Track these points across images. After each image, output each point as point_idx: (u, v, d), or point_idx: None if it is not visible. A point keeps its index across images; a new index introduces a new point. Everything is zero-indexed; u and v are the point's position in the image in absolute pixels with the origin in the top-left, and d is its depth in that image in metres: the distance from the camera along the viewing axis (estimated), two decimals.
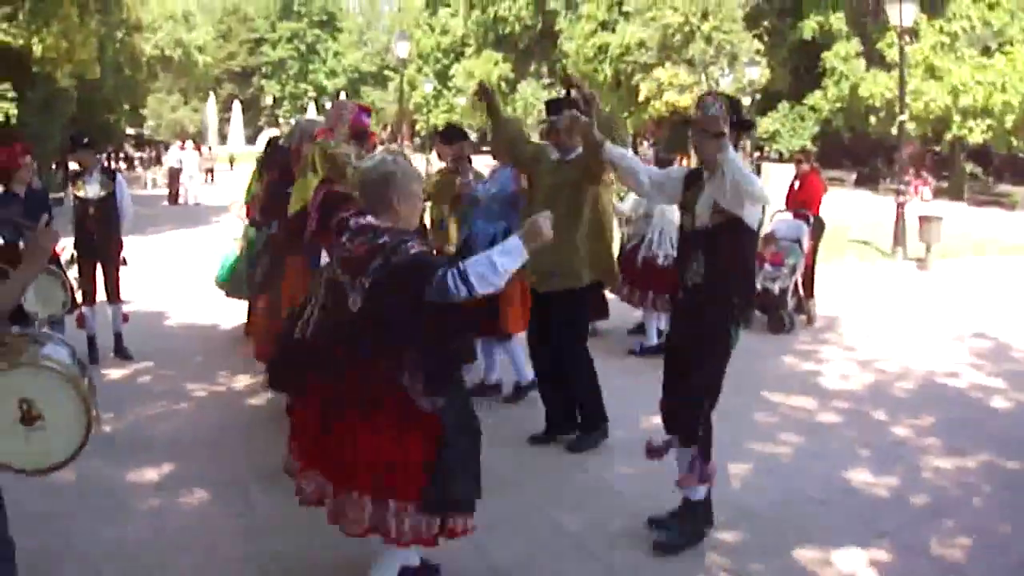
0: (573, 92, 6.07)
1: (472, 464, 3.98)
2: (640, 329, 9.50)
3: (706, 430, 4.82)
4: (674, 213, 6.96)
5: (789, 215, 10.95)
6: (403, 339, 3.78)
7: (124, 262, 8.76)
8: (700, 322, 4.76)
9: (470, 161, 7.85)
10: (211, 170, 41.28)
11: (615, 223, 8.41)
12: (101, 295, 8.73)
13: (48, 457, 3.36)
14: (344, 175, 6.38)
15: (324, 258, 6.33)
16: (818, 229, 10.93)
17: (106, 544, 4.85)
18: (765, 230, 10.24)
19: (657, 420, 6.54)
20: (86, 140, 8.80)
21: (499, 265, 3.69)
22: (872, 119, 36.21)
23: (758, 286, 9.98)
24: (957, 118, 33.09)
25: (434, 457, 3.79)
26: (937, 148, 37.40)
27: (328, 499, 3.92)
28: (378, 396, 3.81)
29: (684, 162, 12.32)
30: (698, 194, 4.83)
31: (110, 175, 8.77)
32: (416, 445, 3.80)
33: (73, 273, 8.26)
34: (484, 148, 19.47)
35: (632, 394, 7.31)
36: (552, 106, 6.31)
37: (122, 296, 8.87)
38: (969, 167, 37.92)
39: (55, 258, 7.47)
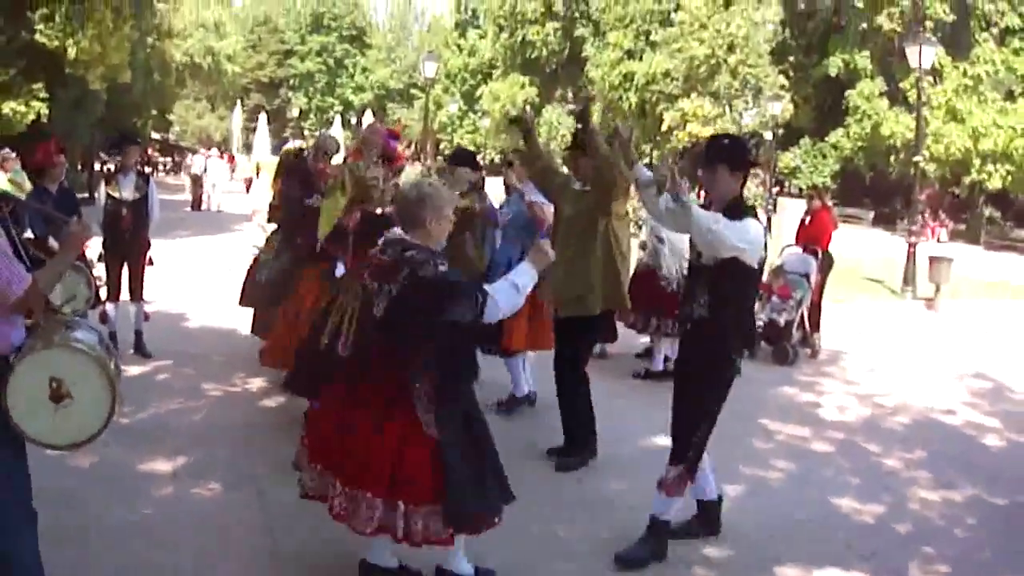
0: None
1: (484, 476, 4.19)
2: (648, 353, 9.66)
3: (697, 453, 5.00)
4: (683, 241, 7.17)
5: (799, 249, 11.12)
6: (417, 350, 4.07)
7: (151, 262, 9.01)
8: (704, 353, 4.96)
9: (483, 185, 8.06)
10: (249, 180, 41.01)
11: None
12: (124, 294, 8.96)
13: (73, 434, 3.55)
14: (371, 196, 6.62)
15: (340, 270, 6.59)
16: (826, 264, 11.12)
17: (120, 523, 5.08)
18: (775, 263, 10.47)
19: (652, 440, 6.79)
20: (138, 139, 9.05)
21: (520, 287, 4.16)
22: (893, 159, 36.29)
23: (765, 317, 10.17)
24: (977, 162, 33.15)
25: (441, 474, 4.03)
26: (956, 191, 37.40)
27: (337, 497, 4.13)
28: (389, 405, 4.09)
29: (701, 193, 12.54)
30: None
31: (144, 178, 9.00)
32: (422, 458, 4.04)
33: (97, 271, 8.46)
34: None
35: (630, 415, 7.54)
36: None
37: (144, 296, 9.11)
38: (988, 211, 37.95)
39: (81, 255, 7.69)
